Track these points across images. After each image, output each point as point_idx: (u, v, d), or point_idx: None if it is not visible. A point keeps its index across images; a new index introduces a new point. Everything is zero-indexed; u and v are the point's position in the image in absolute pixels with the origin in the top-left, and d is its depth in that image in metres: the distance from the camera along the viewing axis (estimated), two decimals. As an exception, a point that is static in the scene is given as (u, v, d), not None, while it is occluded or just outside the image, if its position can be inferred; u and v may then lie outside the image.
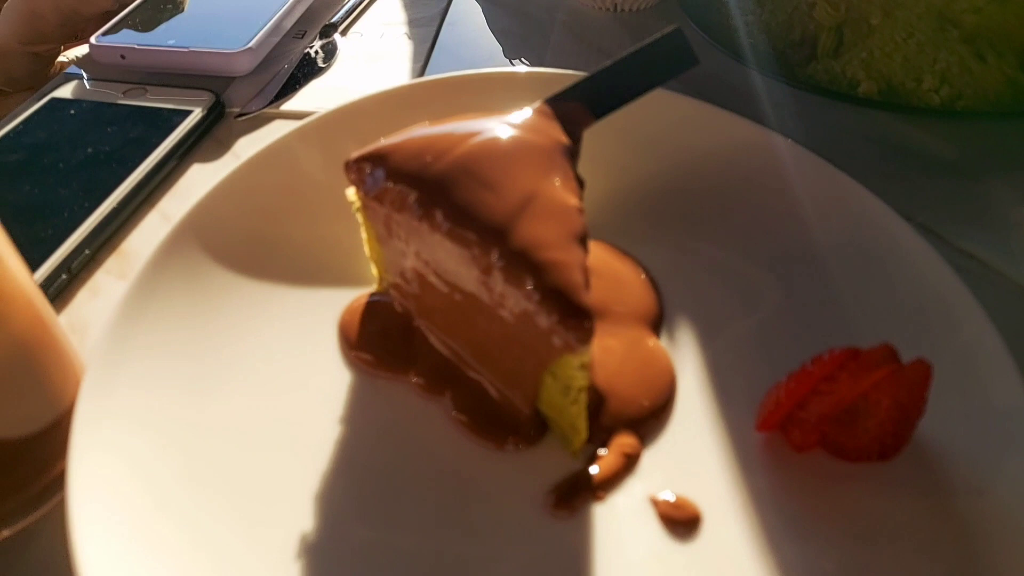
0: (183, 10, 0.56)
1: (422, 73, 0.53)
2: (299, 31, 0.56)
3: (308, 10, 0.57)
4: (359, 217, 0.33)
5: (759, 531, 0.27)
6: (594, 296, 0.26)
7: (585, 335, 0.25)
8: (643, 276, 0.36)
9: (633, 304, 0.34)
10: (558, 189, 0.29)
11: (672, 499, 0.28)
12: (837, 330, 0.33)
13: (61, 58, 0.69)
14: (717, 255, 0.37)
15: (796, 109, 0.47)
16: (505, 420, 0.31)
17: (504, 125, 0.31)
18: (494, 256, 0.27)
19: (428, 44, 0.56)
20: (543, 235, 0.27)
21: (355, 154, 0.31)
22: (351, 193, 0.32)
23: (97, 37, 0.51)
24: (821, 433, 0.29)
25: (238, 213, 0.36)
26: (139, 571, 0.25)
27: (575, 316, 0.25)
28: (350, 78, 0.52)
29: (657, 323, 0.34)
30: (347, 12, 0.58)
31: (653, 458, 0.30)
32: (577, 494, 0.28)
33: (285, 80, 0.51)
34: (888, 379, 0.28)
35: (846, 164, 0.37)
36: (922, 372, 0.28)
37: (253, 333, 0.33)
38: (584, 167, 0.31)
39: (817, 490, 0.28)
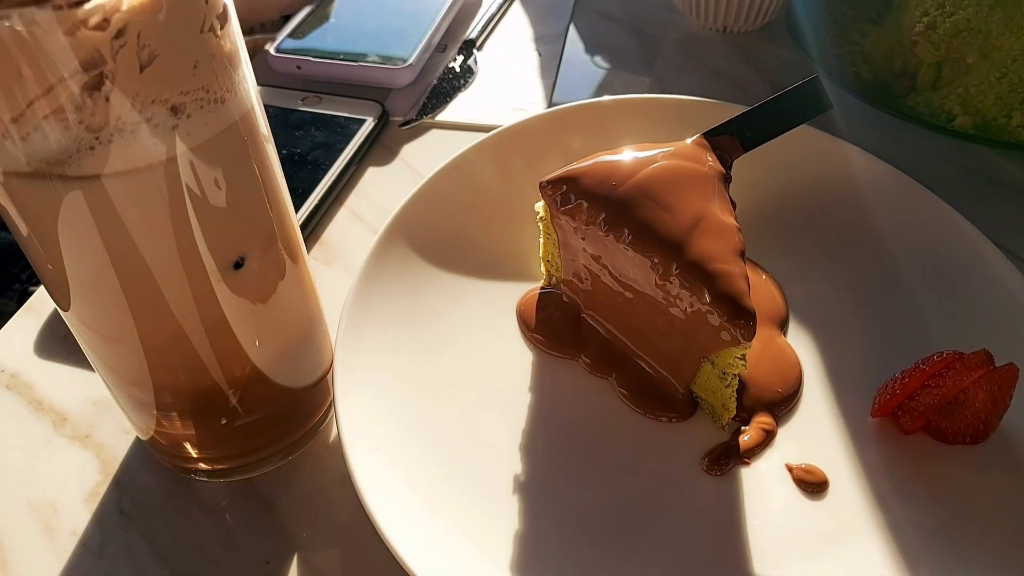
0: (331, 19, 0.63)
1: (553, 88, 0.60)
2: (442, 45, 0.63)
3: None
4: (541, 226, 0.40)
5: (874, 493, 0.34)
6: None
7: (750, 332, 0.32)
8: (771, 282, 0.42)
9: (765, 307, 0.41)
10: (719, 211, 0.35)
11: (804, 466, 0.35)
12: (936, 334, 0.39)
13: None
14: (832, 266, 0.43)
15: (896, 136, 0.53)
16: (661, 397, 0.38)
17: (672, 155, 0.37)
18: (674, 267, 0.34)
19: (556, 60, 0.63)
20: (713, 250, 0.34)
21: (549, 176, 0.38)
22: (539, 206, 0.40)
23: (276, 48, 0.59)
24: (926, 419, 0.36)
25: (432, 215, 0.43)
26: (390, 470, 0.33)
27: (742, 317, 0.32)
28: (492, 91, 0.59)
29: (784, 323, 0.41)
30: (483, 28, 0.64)
31: (786, 434, 0.37)
32: (728, 459, 0.35)
33: (433, 91, 0.58)
34: (985, 378, 0.35)
35: (942, 189, 0.43)
36: (1012, 374, 0.35)
37: (454, 313, 0.41)
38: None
39: (920, 464, 0.35)
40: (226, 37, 0.25)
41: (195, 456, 0.34)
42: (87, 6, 0.20)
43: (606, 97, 0.49)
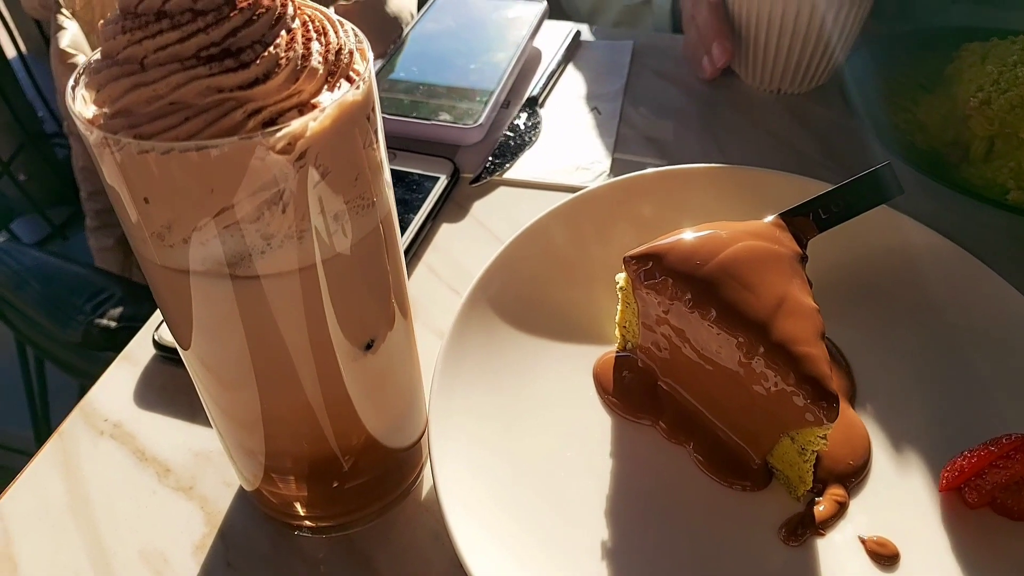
0: (396, 70, 0.66)
1: (614, 147, 0.62)
2: (505, 101, 0.65)
3: (509, 80, 0.66)
4: (620, 295, 0.42)
5: (944, 568, 0.36)
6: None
7: (833, 414, 0.34)
8: (837, 354, 0.44)
9: (836, 381, 0.43)
10: (799, 292, 0.37)
11: (876, 538, 0.37)
12: (999, 410, 0.41)
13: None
14: (894, 338, 0.45)
15: (949, 205, 0.55)
16: (737, 465, 0.40)
17: (752, 235, 0.39)
18: (760, 347, 0.36)
19: (615, 119, 0.65)
20: (796, 332, 0.36)
21: (634, 252, 0.40)
22: (620, 277, 0.42)
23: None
24: (993, 497, 0.38)
25: (511, 280, 0.45)
26: (486, 535, 0.35)
27: (827, 399, 0.34)
28: (555, 149, 0.61)
29: (852, 396, 0.43)
30: (544, 85, 0.67)
31: (857, 506, 0.38)
32: (805, 530, 0.37)
33: (499, 148, 0.61)
34: (1052, 460, 0.36)
35: (997, 262, 0.45)
36: (1078, 456, 0.36)
37: (535, 375, 0.43)
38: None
39: (988, 539, 0.37)
40: (378, 148, 0.27)
41: (303, 514, 0.36)
42: (277, 135, 0.23)
43: (674, 166, 0.51)
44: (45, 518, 0.39)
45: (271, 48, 0.23)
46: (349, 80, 0.25)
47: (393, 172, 0.56)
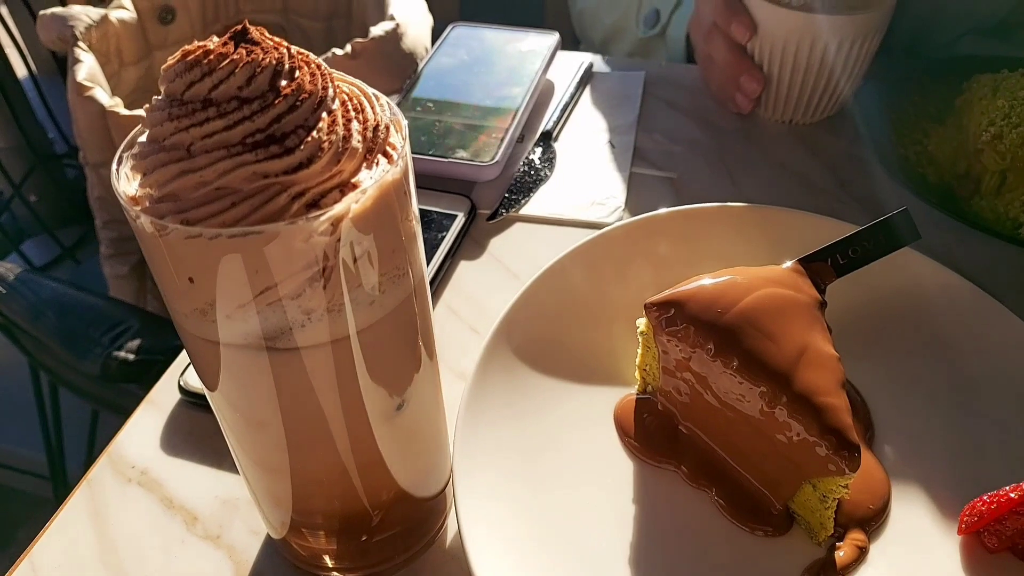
0: (411, 104, 0.67)
1: (629, 180, 0.62)
2: (520, 135, 0.66)
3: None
4: (641, 339, 0.43)
5: (966, 614, 0.36)
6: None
7: (856, 465, 0.35)
8: (853, 392, 0.45)
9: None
10: (820, 340, 0.38)
11: (898, 585, 0.37)
12: (1018, 451, 0.41)
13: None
14: (912, 379, 0.45)
15: (961, 238, 0.55)
16: (758, 510, 0.40)
17: (772, 281, 0.40)
18: (783, 397, 0.36)
19: (629, 151, 0.65)
20: (818, 382, 0.36)
21: (655, 298, 0.40)
22: (641, 322, 0.42)
23: (366, 140, 0.62)
24: (1013, 542, 0.38)
25: (532, 322, 0.46)
26: (509, 572, 0.35)
27: (849, 450, 0.35)
28: (570, 183, 0.62)
29: (870, 438, 0.43)
30: (557, 119, 0.67)
31: (878, 550, 0.39)
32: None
33: (515, 184, 0.61)
34: (1072, 507, 0.37)
35: (1009, 296, 0.45)
36: (1098, 502, 0.37)
37: (556, 418, 0.43)
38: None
39: (1008, 584, 0.37)
40: (413, 218, 0.28)
41: (331, 566, 0.36)
42: (321, 218, 0.23)
43: (692, 206, 0.51)
44: (76, 568, 0.39)
45: (314, 132, 0.24)
46: (386, 155, 0.26)
47: (411, 210, 0.57)
